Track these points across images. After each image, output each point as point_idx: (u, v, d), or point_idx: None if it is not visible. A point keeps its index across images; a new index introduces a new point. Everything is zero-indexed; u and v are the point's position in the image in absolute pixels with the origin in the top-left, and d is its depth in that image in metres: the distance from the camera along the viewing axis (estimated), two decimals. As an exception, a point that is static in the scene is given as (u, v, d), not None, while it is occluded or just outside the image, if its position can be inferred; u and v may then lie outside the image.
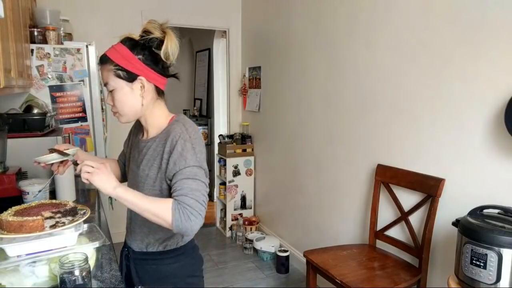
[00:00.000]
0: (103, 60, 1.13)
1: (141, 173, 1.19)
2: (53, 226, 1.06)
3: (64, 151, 1.16)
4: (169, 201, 1.05)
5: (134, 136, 1.33)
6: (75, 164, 1.12)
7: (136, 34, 1.16)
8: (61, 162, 1.19)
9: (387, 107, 2.14)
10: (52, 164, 1.18)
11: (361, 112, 2.34)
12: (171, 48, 1.13)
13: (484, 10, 1.60)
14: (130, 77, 1.12)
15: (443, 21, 1.79)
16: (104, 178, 1.01)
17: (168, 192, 1.14)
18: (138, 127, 1.31)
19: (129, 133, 1.39)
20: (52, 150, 1.16)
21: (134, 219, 1.27)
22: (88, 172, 1.00)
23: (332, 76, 2.59)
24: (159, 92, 1.20)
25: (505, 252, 1.26)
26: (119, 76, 1.11)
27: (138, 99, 1.14)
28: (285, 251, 3.08)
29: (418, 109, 1.94)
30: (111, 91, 1.14)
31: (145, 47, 1.14)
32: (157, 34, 1.12)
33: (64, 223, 1.08)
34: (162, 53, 1.13)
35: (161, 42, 1.13)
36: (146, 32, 1.13)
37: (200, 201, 1.05)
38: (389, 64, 2.11)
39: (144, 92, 1.14)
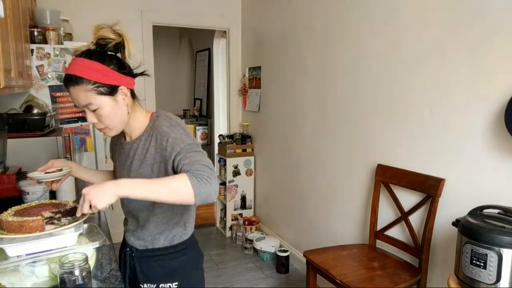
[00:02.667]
0: (76, 81, 1.05)
1: (134, 174, 1.18)
2: (52, 225, 1.06)
3: (57, 171, 1.22)
4: (182, 174, 1.00)
5: (115, 143, 1.33)
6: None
7: (90, 44, 1.12)
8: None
9: (387, 107, 2.14)
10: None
11: (361, 112, 2.34)
12: (132, 48, 1.12)
13: (484, 9, 1.60)
14: (113, 91, 1.09)
15: (442, 21, 1.79)
16: (99, 197, 0.92)
17: None
18: (117, 134, 1.29)
19: (110, 145, 1.39)
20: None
21: (134, 217, 1.27)
22: (95, 208, 0.93)
23: (333, 76, 2.58)
24: (133, 94, 1.19)
25: (505, 252, 1.26)
26: (101, 93, 1.07)
27: (124, 109, 1.13)
28: (285, 251, 3.08)
29: (418, 109, 1.94)
30: (94, 110, 1.09)
31: (111, 55, 1.11)
32: (114, 38, 1.10)
33: (64, 223, 1.08)
34: (126, 55, 1.12)
35: (120, 45, 1.12)
36: (102, 39, 1.09)
37: (209, 166, 1.05)
38: (388, 63, 2.11)
39: (127, 100, 1.14)
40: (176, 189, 0.98)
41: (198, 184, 0.98)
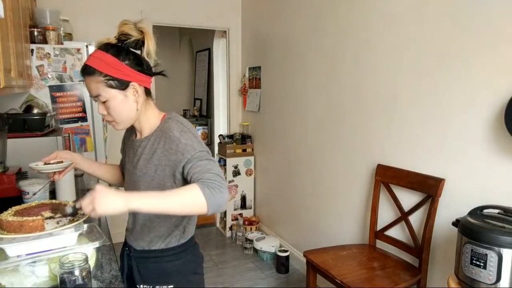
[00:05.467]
0: (90, 72, 1.09)
1: (138, 172, 1.19)
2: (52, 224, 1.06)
3: (58, 163, 1.23)
4: (193, 185, 0.99)
5: (127, 139, 1.33)
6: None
7: (112, 38, 1.14)
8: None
9: (387, 107, 2.14)
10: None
11: (361, 112, 2.34)
12: (152, 46, 1.13)
13: (484, 9, 1.60)
14: (123, 85, 1.11)
15: (443, 21, 1.79)
16: (107, 201, 0.90)
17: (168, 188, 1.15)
18: (130, 130, 1.31)
19: (123, 139, 1.39)
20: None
21: (135, 218, 1.27)
22: (91, 208, 0.91)
23: (332, 76, 2.58)
24: (147, 92, 1.20)
25: (505, 252, 1.26)
26: (111, 86, 1.09)
27: (133, 105, 1.14)
28: (285, 251, 3.08)
29: (418, 109, 1.94)
30: (103, 102, 1.11)
31: (129, 51, 1.13)
32: (135, 35, 1.12)
33: (64, 223, 1.08)
34: (144, 53, 1.13)
35: (141, 42, 1.13)
36: (123, 34, 1.12)
37: (220, 175, 1.04)
38: (389, 64, 2.11)
39: (138, 97, 1.14)
40: (188, 201, 0.97)
41: (210, 194, 0.97)
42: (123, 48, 1.12)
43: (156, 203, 0.96)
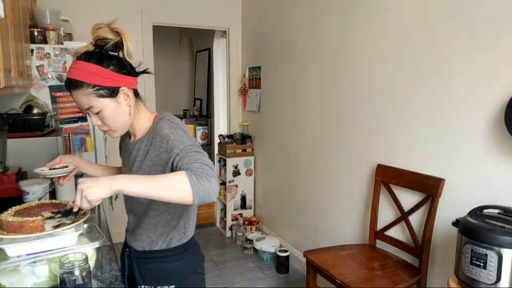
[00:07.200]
0: (77, 86, 1.05)
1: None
2: (53, 227, 1.06)
3: (62, 167, 1.24)
4: (180, 171, 0.97)
5: (123, 142, 1.33)
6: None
7: (89, 45, 1.11)
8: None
9: (387, 107, 2.14)
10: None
11: (361, 112, 2.34)
12: (131, 46, 1.11)
13: (484, 9, 1.60)
14: (113, 92, 1.08)
15: (442, 20, 1.79)
16: (95, 188, 0.90)
17: None
18: (124, 133, 1.30)
19: (119, 144, 1.38)
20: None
21: (133, 217, 1.27)
22: (85, 199, 0.90)
23: (332, 76, 2.58)
24: (136, 94, 1.18)
25: (505, 252, 1.26)
26: (102, 96, 1.07)
27: (126, 110, 1.13)
28: (285, 251, 3.08)
29: (418, 109, 1.94)
30: (97, 113, 1.09)
31: (110, 56, 1.10)
32: (112, 37, 1.09)
33: (64, 223, 1.08)
34: (125, 54, 1.11)
35: (119, 44, 1.11)
36: (100, 39, 1.09)
37: (209, 165, 1.01)
38: (388, 63, 2.11)
39: (129, 101, 1.13)
40: (172, 186, 0.94)
41: (196, 181, 0.94)
42: (104, 54, 1.09)
43: (141, 184, 0.94)
